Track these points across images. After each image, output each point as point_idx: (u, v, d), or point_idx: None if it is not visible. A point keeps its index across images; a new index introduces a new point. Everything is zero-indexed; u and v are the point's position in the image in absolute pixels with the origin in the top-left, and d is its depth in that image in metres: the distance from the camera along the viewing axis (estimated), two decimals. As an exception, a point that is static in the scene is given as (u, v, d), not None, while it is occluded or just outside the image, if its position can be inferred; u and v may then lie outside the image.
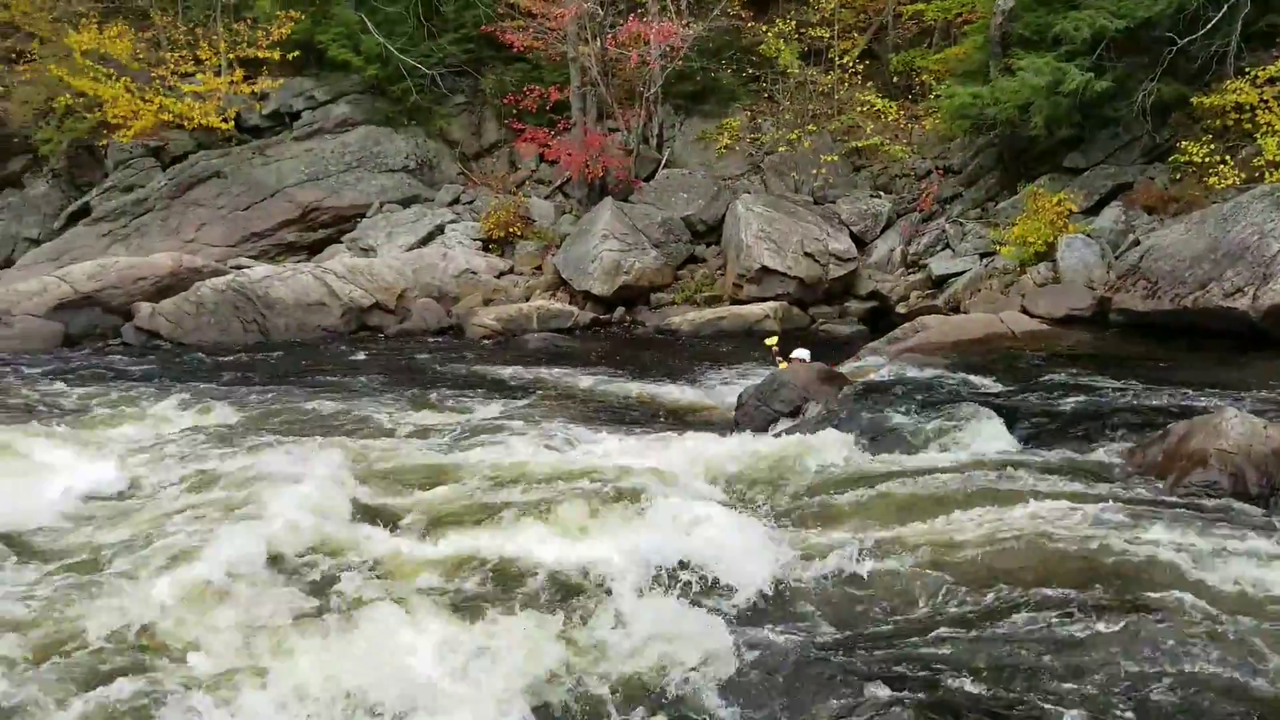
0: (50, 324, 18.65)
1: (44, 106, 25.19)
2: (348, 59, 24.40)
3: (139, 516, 8.07)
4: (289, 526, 7.37)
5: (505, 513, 7.71)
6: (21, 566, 7.15)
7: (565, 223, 22.71)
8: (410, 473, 9.19)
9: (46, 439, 10.35)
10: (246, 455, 9.59)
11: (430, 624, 5.98)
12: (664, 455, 9.75)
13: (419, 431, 11.16)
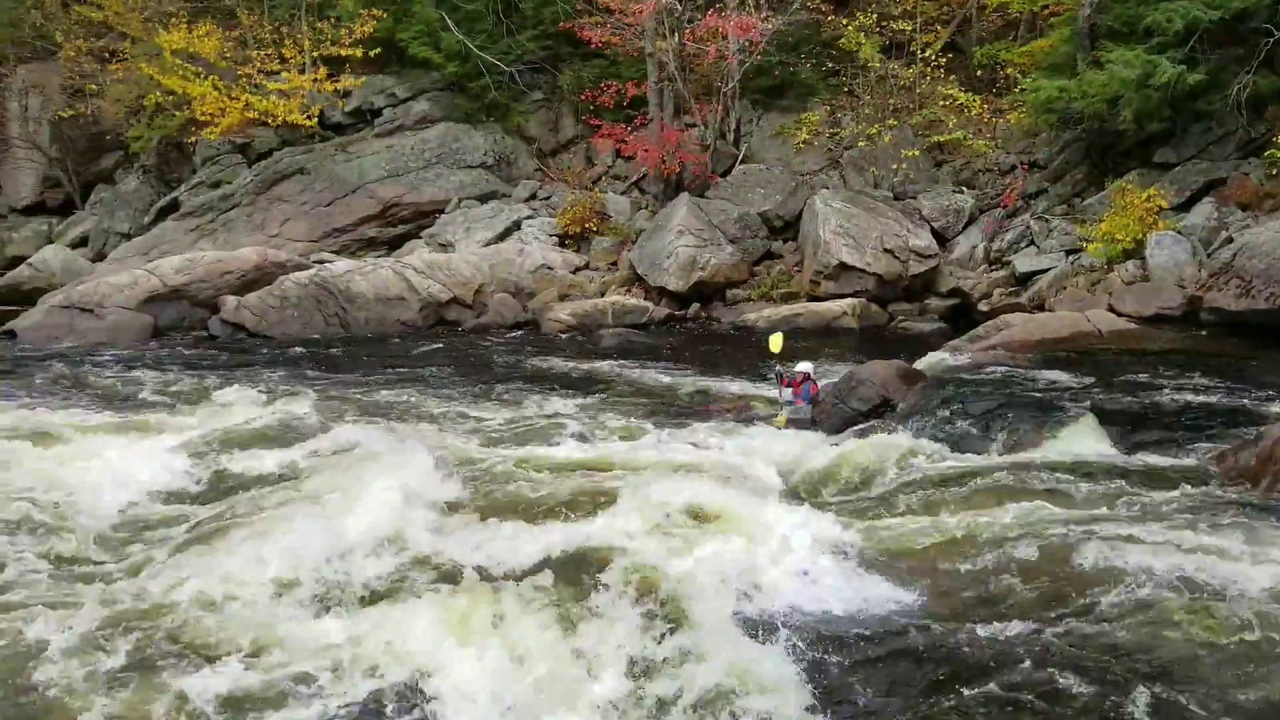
0: (140, 316, 19.15)
1: (135, 105, 25.93)
2: (428, 56, 24.67)
3: (225, 506, 8.22)
4: (373, 517, 7.46)
5: (579, 508, 7.71)
6: (112, 551, 7.36)
7: (641, 218, 22.69)
8: (488, 465, 9.22)
9: (137, 429, 10.65)
10: (329, 446, 9.72)
11: (516, 619, 6.00)
12: (740, 453, 9.69)
13: (494, 424, 11.23)
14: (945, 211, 21.17)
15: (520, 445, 10.05)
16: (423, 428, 10.98)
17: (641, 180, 23.95)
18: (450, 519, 7.84)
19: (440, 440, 10.25)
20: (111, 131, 27.00)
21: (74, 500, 8.19)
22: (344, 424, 11.01)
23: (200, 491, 8.83)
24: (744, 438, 10.35)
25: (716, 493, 7.90)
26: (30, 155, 27.81)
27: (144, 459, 9.43)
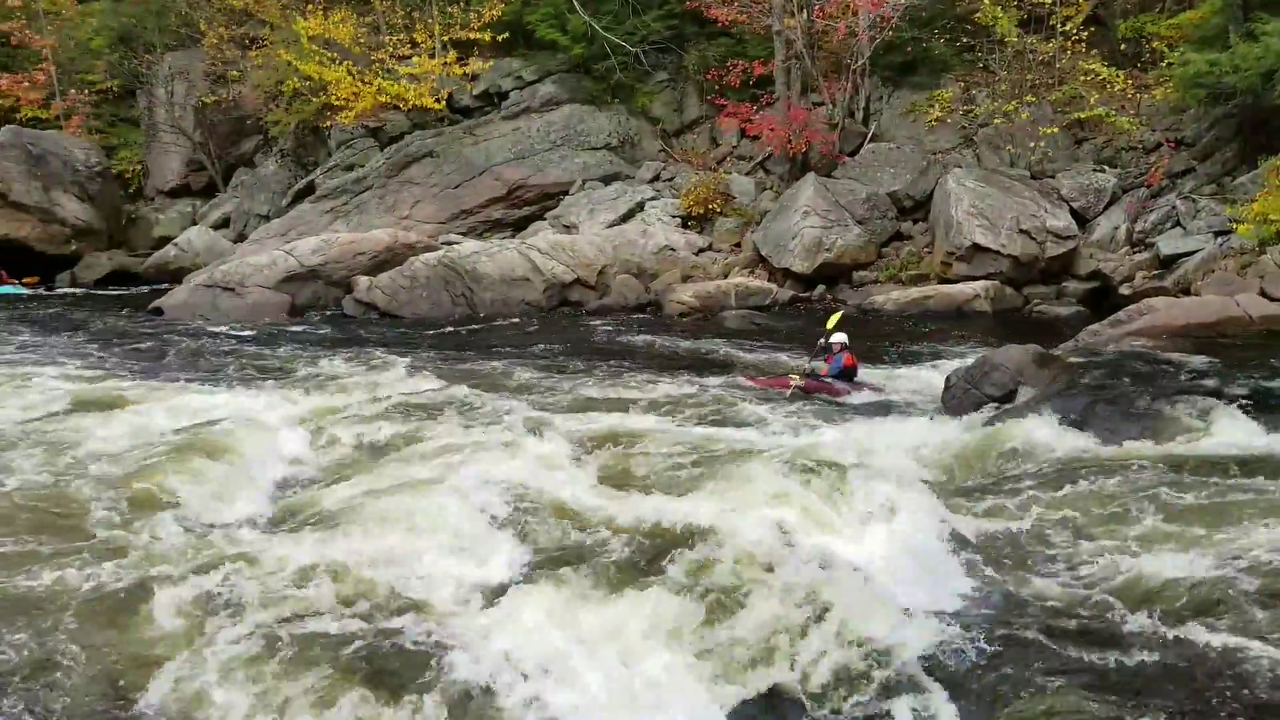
0: (278, 295, 19.78)
1: (274, 90, 26.78)
2: (555, 38, 24.81)
3: (362, 478, 8.40)
4: (510, 491, 7.57)
5: (707, 487, 7.64)
6: (264, 520, 7.60)
7: (766, 199, 22.41)
8: (617, 444, 9.22)
9: (282, 404, 11.04)
10: (462, 423, 9.88)
11: (643, 597, 5.97)
12: (867, 437, 9.45)
13: (621, 404, 11.21)
14: (1085, 191, 20.31)
15: (647, 424, 10.01)
16: (550, 406, 11.05)
17: (767, 160, 23.65)
18: (582, 495, 7.87)
19: (568, 418, 10.30)
20: (251, 116, 27.94)
21: (228, 472, 8.52)
22: (475, 402, 11.17)
23: (342, 465, 9.04)
24: (880, 422, 10.09)
25: (843, 477, 7.70)
26: (176, 140, 28.99)
27: (289, 433, 9.80)
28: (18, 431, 9.68)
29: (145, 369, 13.79)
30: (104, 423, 10.02)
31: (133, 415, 10.40)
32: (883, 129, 23.35)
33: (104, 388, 11.83)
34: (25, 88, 29.78)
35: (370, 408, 11.04)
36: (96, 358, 14.70)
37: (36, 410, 10.70)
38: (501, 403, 11.22)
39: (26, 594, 6.07)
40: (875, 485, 7.66)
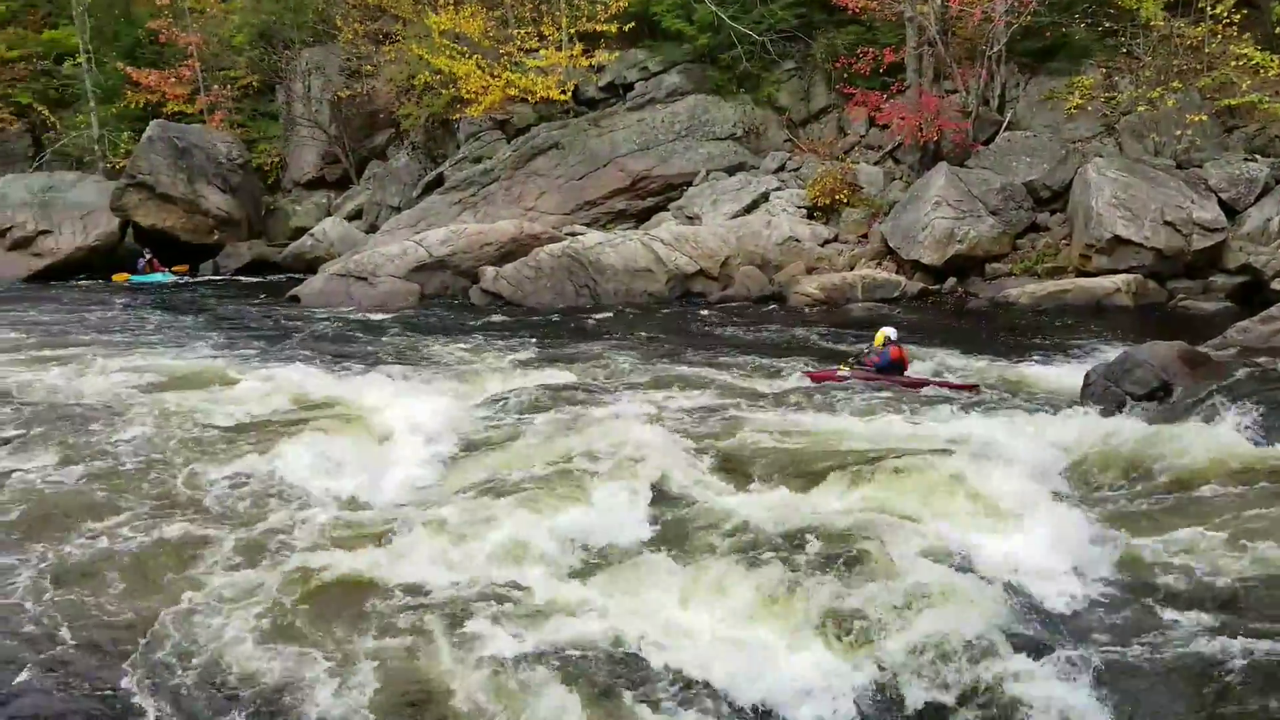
0: (408, 284, 20.22)
1: (406, 84, 27.37)
2: (681, 29, 24.71)
3: (494, 463, 8.53)
4: (637, 477, 7.58)
5: (840, 480, 7.50)
6: (405, 503, 7.75)
7: (895, 189, 21.91)
8: (743, 434, 9.13)
9: (416, 389, 11.32)
10: (586, 412, 9.91)
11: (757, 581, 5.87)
12: (1002, 434, 9.12)
13: (747, 394, 11.11)
14: (1235, 181, 19.26)
15: (774, 415, 9.88)
16: (673, 395, 11.03)
17: (896, 150, 23.12)
18: (711, 483, 7.83)
19: (692, 407, 10.25)
20: (384, 110, 28.62)
21: (371, 453, 8.77)
22: (596, 389, 11.20)
23: (474, 450, 9.21)
24: (1015, 418, 9.73)
25: (984, 472, 7.47)
26: (313, 133, 29.87)
27: (424, 416, 10.06)
28: (171, 403, 10.39)
29: (285, 353, 14.28)
30: (245, 400, 10.49)
31: (267, 394, 10.87)
32: (1019, 117, 22.57)
33: (247, 369, 12.37)
34: (172, 83, 31.07)
35: (495, 393, 11.24)
36: (240, 341, 15.32)
37: (188, 386, 11.38)
38: (623, 390, 11.26)
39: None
40: (1012, 482, 7.39)
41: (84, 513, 7.41)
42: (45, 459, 8.62)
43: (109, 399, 10.78)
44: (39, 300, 21.34)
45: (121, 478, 8.19)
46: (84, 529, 7.12)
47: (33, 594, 6.17)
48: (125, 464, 8.53)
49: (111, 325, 17.63)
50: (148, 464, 8.53)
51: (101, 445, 8.99)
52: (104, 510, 7.45)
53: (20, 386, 11.52)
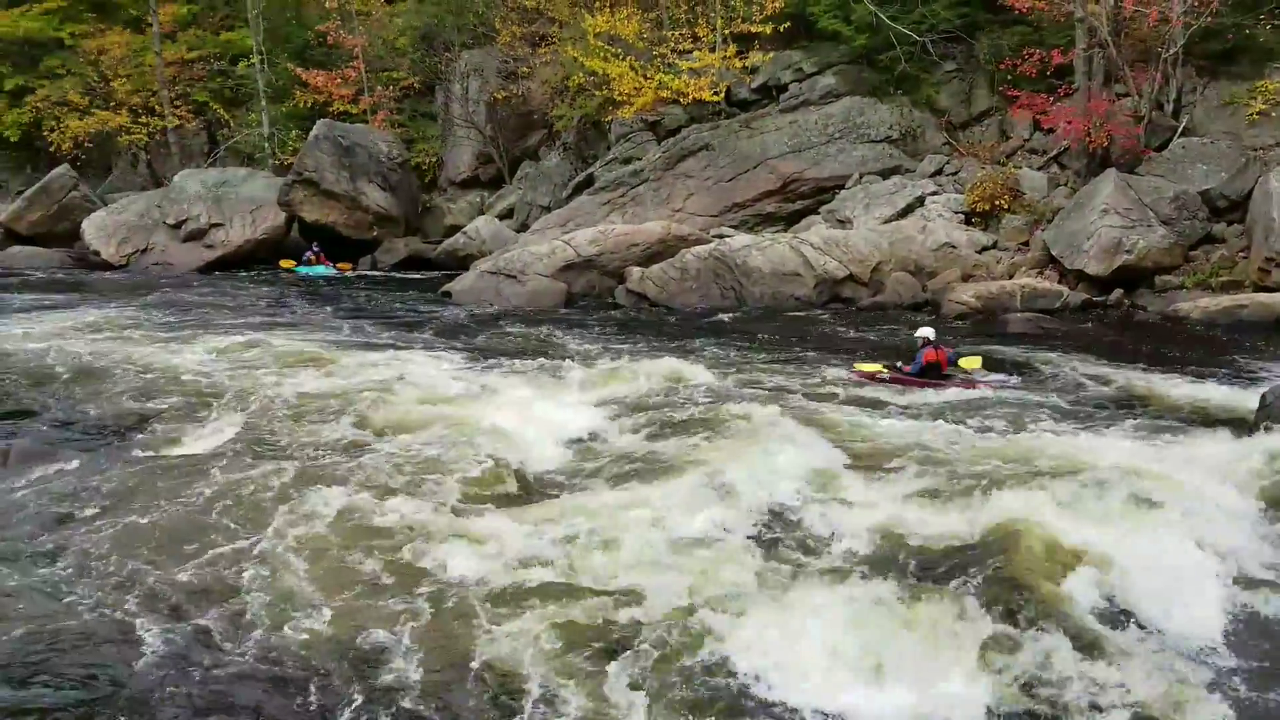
0: (556, 283, 20.38)
1: (560, 86, 27.67)
2: (838, 29, 24.25)
3: (629, 464, 8.47)
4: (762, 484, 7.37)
5: (996, 496, 7.13)
6: (542, 492, 7.74)
7: (1059, 196, 20.97)
8: (890, 444, 8.82)
9: (558, 385, 11.40)
10: (722, 413, 9.76)
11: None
12: (1173, 457, 8.57)
13: (896, 406, 10.75)
14: None
15: (922, 427, 9.51)
16: (819, 404, 10.75)
17: (1062, 155, 22.14)
18: (855, 497, 7.56)
19: (840, 417, 9.96)
20: (538, 111, 29.01)
21: (510, 446, 8.95)
22: (739, 394, 11.03)
23: (611, 445, 9.23)
24: (1174, 439, 9.13)
25: (1143, 494, 7.00)
26: (469, 134, 30.51)
27: (564, 413, 10.23)
28: (337, 388, 11.09)
29: (437, 345, 14.65)
30: (397, 388, 10.82)
31: (417, 384, 11.19)
32: (1195, 123, 21.31)
33: (401, 359, 12.79)
34: (338, 84, 32.20)
35: (634, 391, 11.23)
36: (396, 333, 15.76)
37: (347, 375, 12.02)
38: (768, 396, 11.04)
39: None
40: (1177, 504, 6.91)
41: (275, 485, 7.72)
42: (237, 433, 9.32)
43: (281, 383, 11.58)
44: (216, 289, 22.42)
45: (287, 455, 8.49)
46: (280, 500, 7.39)
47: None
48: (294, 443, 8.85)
49: (280, 313, 18.61)
50: (315, 444, 8.88)
51: (272, 426, 9.45)
52: (279, 488, 7.76)
53: (191, 365, 12.09)
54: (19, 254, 28.13)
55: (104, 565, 6.60)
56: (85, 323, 16.56)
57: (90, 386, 11.96)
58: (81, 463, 9.03)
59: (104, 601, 6.09)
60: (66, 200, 29.90)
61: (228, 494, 7.74)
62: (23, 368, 12.96)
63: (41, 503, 7.88)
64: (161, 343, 14.62)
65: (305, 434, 9.68)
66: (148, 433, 10.14)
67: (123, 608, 6.02)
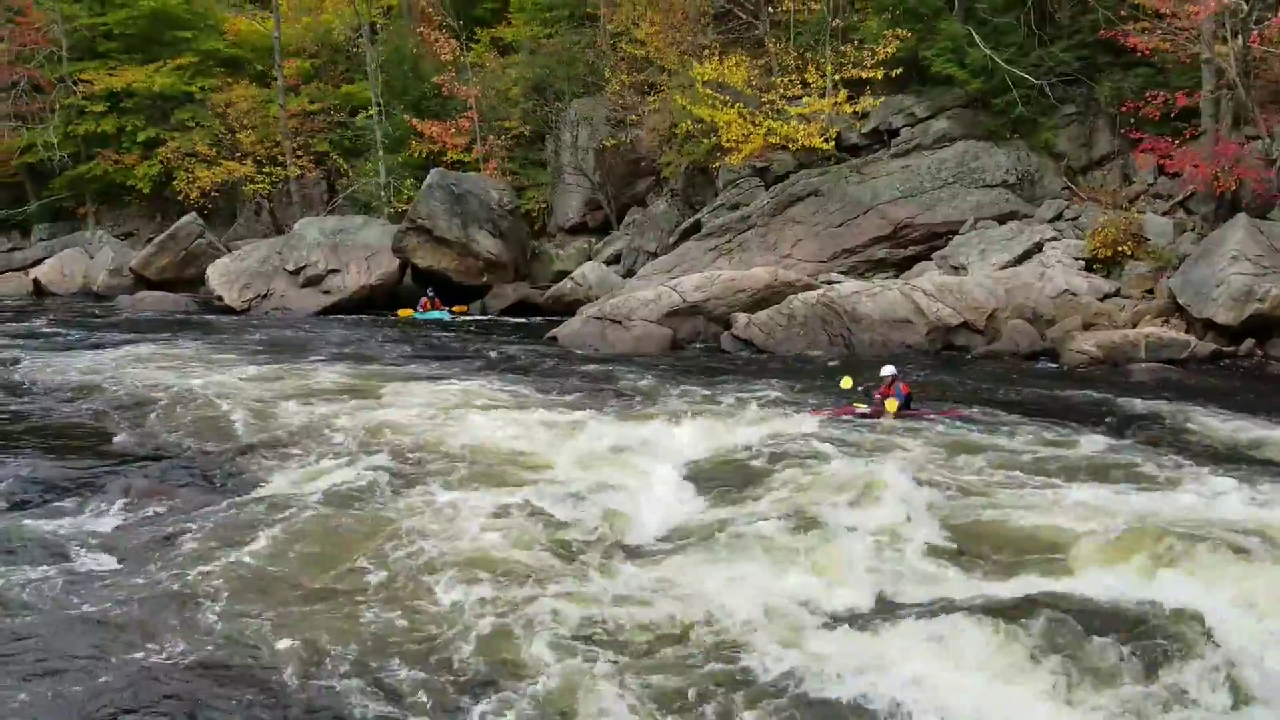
0: (661, 329, 20.31)
1: (668, 133, 27.79)
2: (952, 73, 23.84)
3: (739, 510, 8.28)
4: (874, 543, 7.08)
5: (1128, 560, 6.73)
6: (638, 546, 7.62)
7: (1185, 242, 20.15)
8: (1007, 505, 8.42)
9: (661, 433, 11.34)
10: (830, 465, 9.51)
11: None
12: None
13: (1017, 461, 10.31)
14: None
15: (1040, 483, 9.09)
16: (934, 456, 10.38)
17: (1188, 199, 21.30)
18: (962, 554, 7.22)
19: (953, 470, 9.60)
20: (646, 158, 29.16)
21: (612, 496, 8.81)
22: (848, 445, 10.75)
23: (714, 497, 9.06)
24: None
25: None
26: (578, 181, 30.82)
27: (669, 460, 10.07)
28: (425, 426, 11.34)
29: (544, 390, 14.69)
30: (506, 431, 10.88)
31: (521, 428, 11.19)
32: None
33: (510, 403, 12.92)
34: (452, 134, 32.90)
35: (743, 441, 11.07)
36: (503, 379, 15.91)
37: (444, 413, 12.20)
38: (879, 449, 10.73)
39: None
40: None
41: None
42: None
43: (404, 420, 12.00)
44: (332, 332, 22.98)
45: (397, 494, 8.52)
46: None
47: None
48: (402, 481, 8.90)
49: (390, 356, 18.99)
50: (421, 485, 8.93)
51: (380, 469, 9.58)
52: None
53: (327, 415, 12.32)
54: (147, 298, 29.27)
55: (216, 605, 6.68)
56: (207, 363, 17.08)
57: (210, 426, 12.28)
58: (198, 501, 9.21)
59: (215, 635, 6.14)
60: (193, 247, 31.13)
61: (334, 533, 7.78)
62: (144, 407, 13.38)
63: (154, 538, 8.04)
64: (278, 384, 14.96)
65: (411, 476, 9.74)
66: (262, 471, 10.32)
67: (234, 644, 6.07)
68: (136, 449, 11.43)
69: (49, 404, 14.02)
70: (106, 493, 9.44)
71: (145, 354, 18.25)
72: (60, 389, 14.96)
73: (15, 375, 16.25)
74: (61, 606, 6.79)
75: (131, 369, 16.41)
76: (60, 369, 16.41)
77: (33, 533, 8.25)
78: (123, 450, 11.39)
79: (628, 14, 30.05)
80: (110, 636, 6.33)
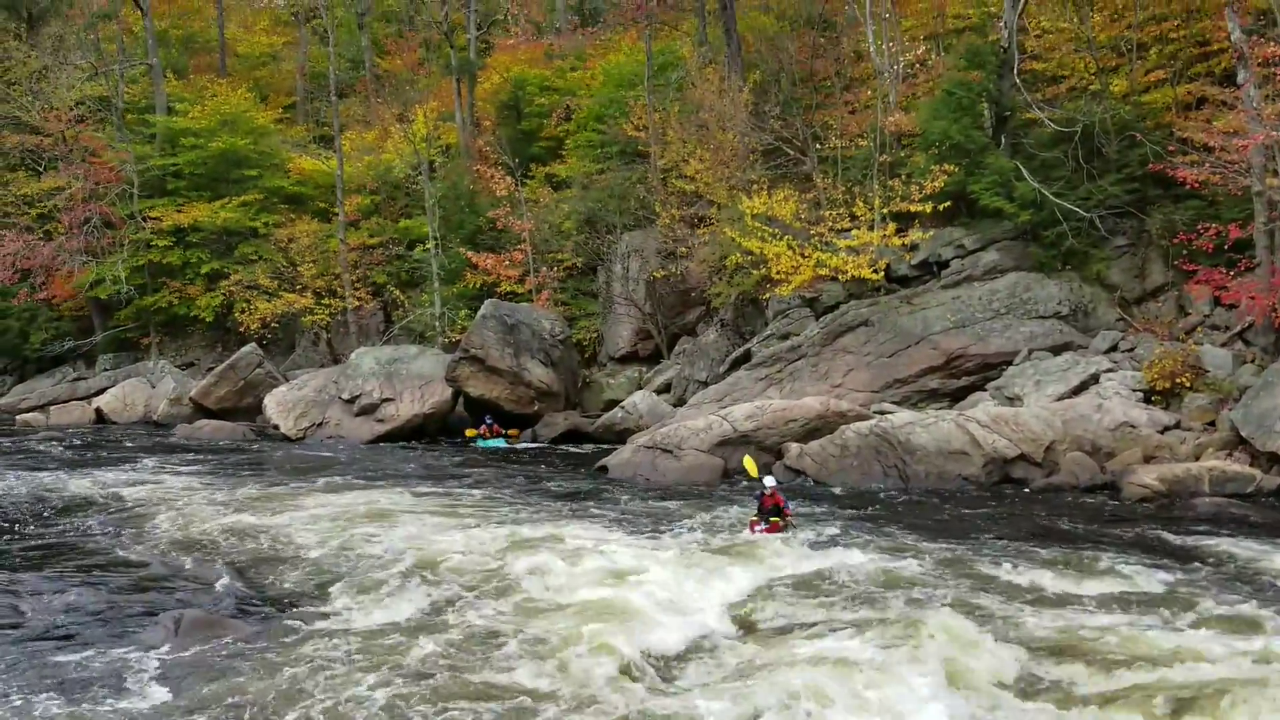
0: (712, 459, 20.18)
1: (717, 265, 28.18)
2: (1000, 206, 24.03)
3: (787, 650, 8.06)
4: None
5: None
6: (662, 674, 7.43)
7: (1246, 373, 19.82)
8: (1082, 647, 8.14)
9: (701, 565, 11.15)
10: (881, 608, 9.30)
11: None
12: None
13: (1074, 597, 10.02)
14: None
15: (1106, 624, 8.78)
16: (993, 597, 10.10)
17: (1246, 331, 21.04)
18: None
19: (1016, 613, 9.32)
20: (696, 289, 29.53)
21: (636, 624, 8.65)
22: (909, 583, 10.51)
23: (764, 635, 8.84)
24: None
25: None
26: (629, 311, 31.20)
27: (702, 594, 9.91)
28: (469, 563, 10.91)
29: (594, 523, 14.61)
30: (557, 567, 10.80)
31: (569, 562, 11.09)
32: (1397, 295, 20.03)
33: (564, 535, 12.83)
34: (506, 266, 33.61)
35: (792, 573, 10.90)
36: (554, 509, 15.89)
37: (502, 551, 12.22)
38: (939, 587, 10.47)
39: None
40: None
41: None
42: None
43: (441, 556, 11.92)
44: (385, 462, 23.12)
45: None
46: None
47: None
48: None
49: (444, 484, 19.07)
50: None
51: (432, 601, 9.50)
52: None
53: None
54: (205, 427, 29.73)
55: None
56: (262, 495, 17.21)
57: (265, 558, 12.31)
58: (248, 635, 9.16)
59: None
60: (251, 377, 31.79)
61: (390, 673, 7.69)
62: (201, 537, 13.45)
63: (200, 671, 7.99)
64: (333, 516, 15.00)
65: (463, 609, 9.66)
66: (315, 606, 10.27)
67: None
68: (188, 580, 11.45)
69: (98, 532, 14.17)
70: (158, 624, 9.44)
71: (198, 484, 18.46)
72: (111, 516, 15.14)
73: (63, 502, 16.52)
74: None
75: (184, 499, 16.59)
76: (110, 495, 16.63)
77: (80, 664, 8.23)
78: (172, 579, 11.42)
79: (678, 151, 30.85)
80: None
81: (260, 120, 41.84)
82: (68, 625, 9.52)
